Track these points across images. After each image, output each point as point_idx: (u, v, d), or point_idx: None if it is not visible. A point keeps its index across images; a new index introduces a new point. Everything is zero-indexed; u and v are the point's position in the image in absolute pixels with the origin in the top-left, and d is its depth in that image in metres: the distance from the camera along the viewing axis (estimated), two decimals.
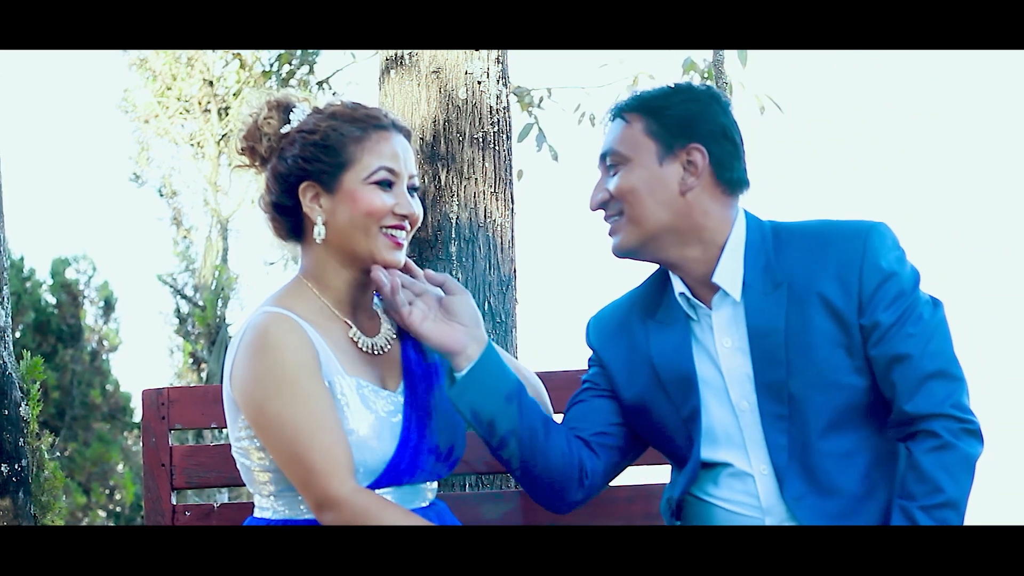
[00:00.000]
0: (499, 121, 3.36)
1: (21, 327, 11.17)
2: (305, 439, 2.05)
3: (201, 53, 11.05)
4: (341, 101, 2.25)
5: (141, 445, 2.76)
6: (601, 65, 6.44)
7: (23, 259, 11.56)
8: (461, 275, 3.21)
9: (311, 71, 9.55)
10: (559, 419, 2.39)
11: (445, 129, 3.31)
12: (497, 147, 3.35)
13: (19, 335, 11.05)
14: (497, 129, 3.35)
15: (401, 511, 2.08)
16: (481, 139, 3.32)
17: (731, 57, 5.18)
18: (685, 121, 2.21)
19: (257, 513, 2.22)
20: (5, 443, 2.98)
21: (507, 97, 3.40)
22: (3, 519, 2.96)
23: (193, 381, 11.22)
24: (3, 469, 2.97)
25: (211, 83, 11.17)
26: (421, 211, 2.24)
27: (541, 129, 6.31)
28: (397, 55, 3.38)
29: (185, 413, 2.75)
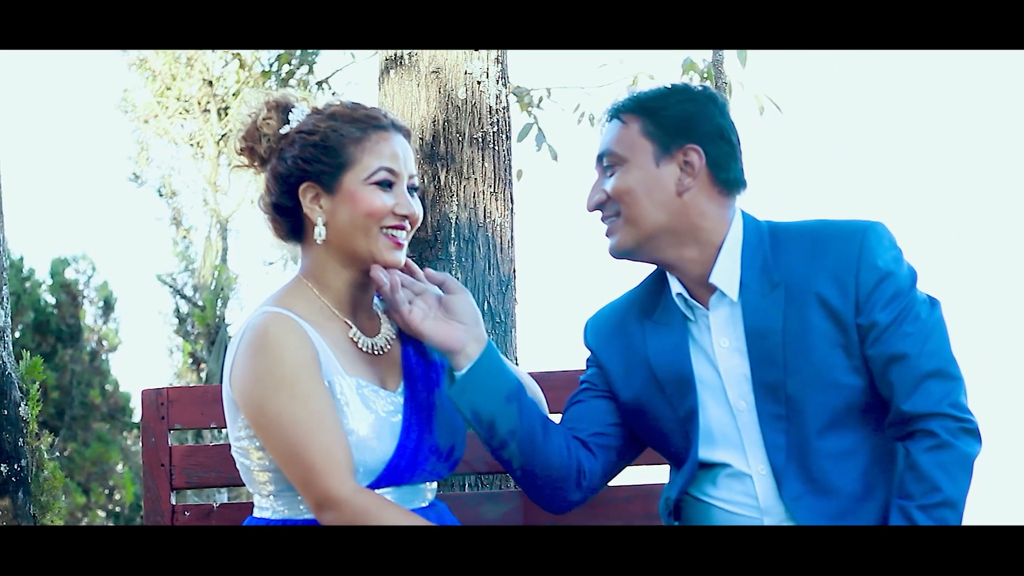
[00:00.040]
0: (499, 121, 3.36)
1: (20, 327, 11.17)
2: (305, 439, 2.05)
3: (201, 53, 11.04)
4: (340, 101, 2.25)
5: (140, 445, 2.76)
6: (600, 65, 6.44)
7: (22, 259, 11.56)
8: (460, 275, 3.21)
9: (311, 71, 9.55)
10: (557, 419, 2.40)
11: (444, 129, 3.31)
12: (496, 147, 3.35)
13: (18, 335, 11.05)
14: (496, 129, 3.35)
15: (401, 511, 2.08)
16: (480, 139, 3.32)
17: (730, 57, 5.17)
18: (682, 122, 2.21)
19: (256, 513, 2.22)
20: (4, 443, 2.98)
21: (507, 97, 3.40)
22: (2, 519, 2.96)
23: (192, 381, 11.22)
24: (2, 469, 2.97)
25: (211, 83, 11.16)
26: (421, 211, 2.24)
27: (541, 129, 6.31)
28: (397, 55, 3.38)
29: (184, 413, 2.75)
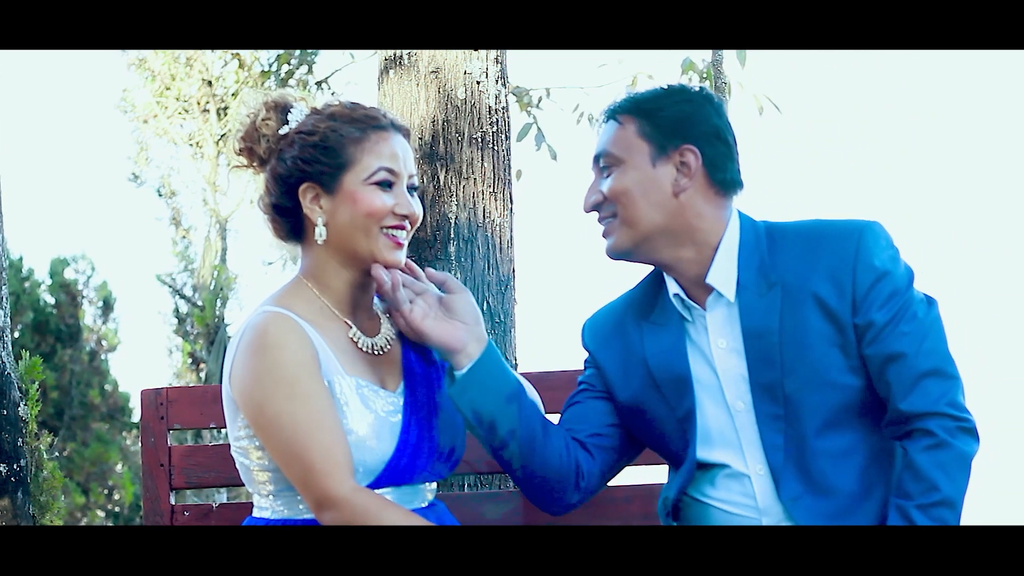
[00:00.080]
0: (498, 121, 3.36)
1: (20, 327, 11.16)
2: (304, 438, 2.05)
3: (200, 53, 11.04)
4: (339, 101, 2.25)
5: (140, 445, 2.76)
6: (600, 65, 6.42)
7: (22, 259, 11.55)
8: (460, 275, 3.21)
9: (310, 71, 9.56)
10: (556, 419, 2.40)
11: (444, 129, 3.31)
12: (496, 147, 3.35)
13: (18, 335, 11.04)
14: (496, 129, 3.35)
15: (401, 511, 2.08)
16: (480, 139, 3.32)
17: (730, 57, 5.17)
18: (678, 122, 2.21)
19: (256, 513, 2.22)
20: (4, 443, 2.98)
21: (506, 97, 3.40)
22: (2, 519, 2.96)
23: (192, 381, 11.21)
24: (2, 469, 2.97)
25: (210, 83, 11.16)
26: (421, 211, 2.24)
27: (540, 129, 6.30)
28: (396, 55, 3.38)
29: (184, 413, 2.75)
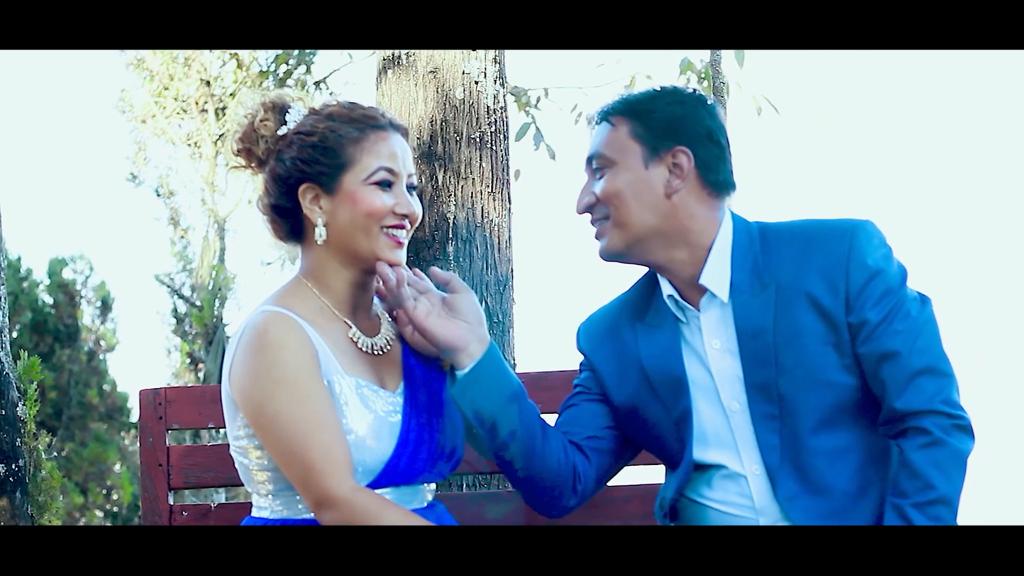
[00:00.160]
0: (496, 121, 3.36)
1: (18, 327, 11.16)
2: (304, 438, 2.05)
3: (198, 53, 11.03)
4: (337, 101, 2.25)
5: (138, 445, 2.76)
6: (598, 65, 6.42)
7: (20, 259, 11.54)
8: (458, 275, 3.21)
9: (308, 71, 9.55)
10: (554, 419, 2.40)
11: (442, 129, 3.31)
12: (494, 147, 3.35)
13: (16, 335, 11.03)
14: (494, 129, 3.35)
15: (400, 510, 2.08)
16: (478, 139, 3.32)
17: (728, 57, 5.17)
18: (670, 124, 2.22)
19: (255, 512, 2.22)
20: (2, 443, 2.98)
21: (504, 97, 3.40)
22: (0, 519, 2.96)
23: (190, 381, 11.21)
24: (0, 469, 2.97)
25: (208, 83, 11.15)
26: (421, 210, 2.24)
27: (538, 129, 6.30)
28: (394, 55, 3.38)
29: (182, 413, 2.75)
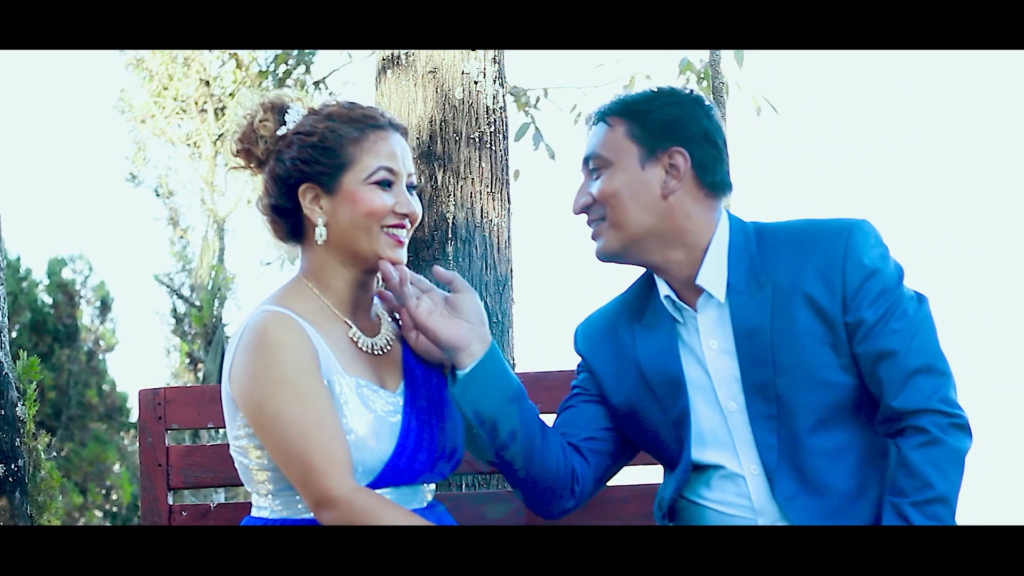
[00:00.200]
0: (495, 121, 3.37)
1: (17, 327, 11.15)
2: (304, 438, 2.05)
3: (198, 53, 11.03)
4: (336, 101, 2.25)
5: (138, 445, 2.76)
6: (597, 65, 6.42)
7: (19, 259, 11.54)
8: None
9: (308, 71, 9.55)
10: (552, 419, 2.40)
11: (442, 129, 3.31)
12: (493, 147, 3.35)
13: (15, 335, 11.03)
14: (493, 129, 3.35)
15: (400, 510, 2.08)
16: (478, 139, 3.32)
17: (727, 57, 5.17)
18: (667, 125, 2.22)
19: (254, 512, 2.22)
20: (2, 443, 2.98)
21: (503, 97, 3.40)
22: (0, 519, 2.96)
23: (190, 381, 11.21)
24: (0, 469, 2.97)
25: (207, 83, 11.15)
26: (420, 209, 2.24)
27: (538, 129, 6.31)
28: (394, 55, 3.38)
29: (182, 413, 2.75)
